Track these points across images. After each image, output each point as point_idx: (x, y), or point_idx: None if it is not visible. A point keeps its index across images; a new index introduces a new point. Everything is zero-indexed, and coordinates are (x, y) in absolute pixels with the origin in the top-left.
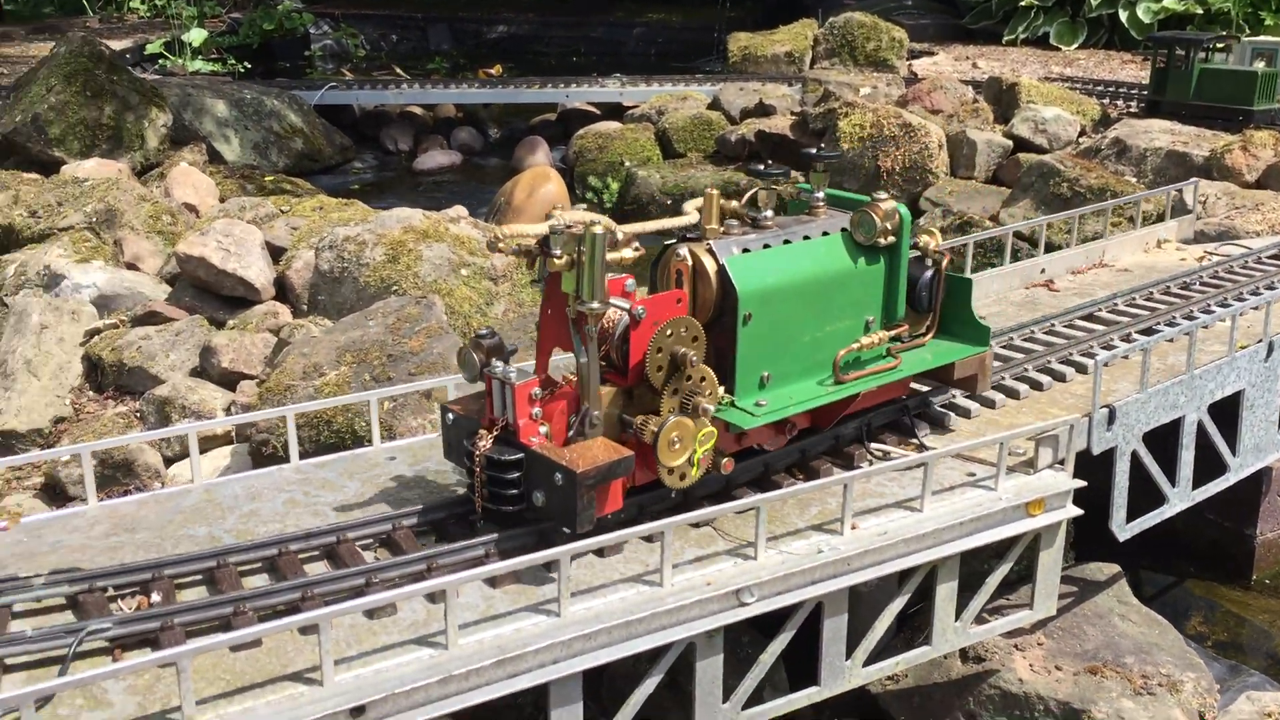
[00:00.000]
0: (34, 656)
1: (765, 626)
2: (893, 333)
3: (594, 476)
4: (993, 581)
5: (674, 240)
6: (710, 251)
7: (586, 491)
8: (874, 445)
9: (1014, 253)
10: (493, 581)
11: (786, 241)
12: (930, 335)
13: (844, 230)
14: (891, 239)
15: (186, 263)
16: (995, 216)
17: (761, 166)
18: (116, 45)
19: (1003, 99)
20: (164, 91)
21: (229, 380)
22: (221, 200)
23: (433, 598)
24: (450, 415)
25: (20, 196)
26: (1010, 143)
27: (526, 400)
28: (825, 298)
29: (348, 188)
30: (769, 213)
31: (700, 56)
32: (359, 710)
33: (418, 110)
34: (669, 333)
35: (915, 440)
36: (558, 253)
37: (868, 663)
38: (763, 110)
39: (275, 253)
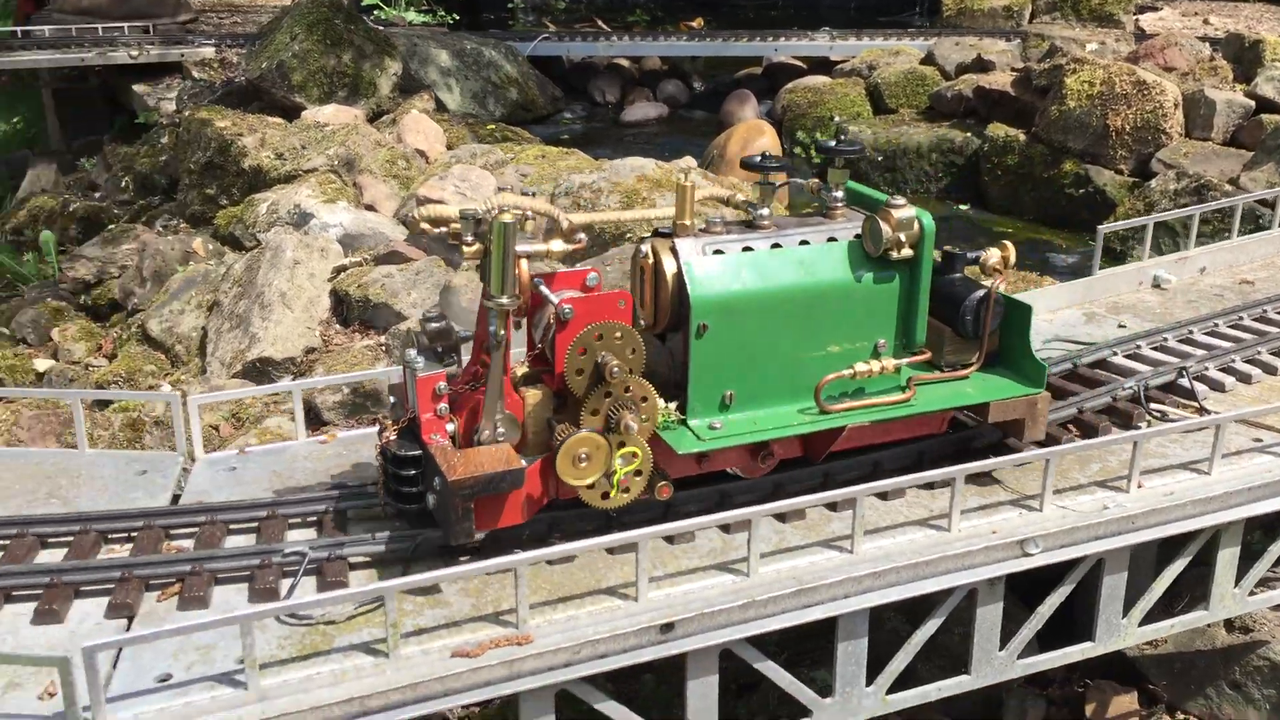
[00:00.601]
0: (374, 557)
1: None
2: (903, 361)
3: (469, 487)
4: (1276, 550)
5: (650, 235)
6: (673, 250)
7: (461, 503)
8: (1154, 407)
9: (1256, 220)
10: (781, 517)
11: (776, 245)
12: (975, 367)
13: (857, 237)
14: (907, 252)
15: (424, 205)
16: (1235, 180)
17: (758, 157)
18: None
19: (1244, 57)
20: (394, 41)
21: (467, 318)
22: (449, 147)
23: (726, 529)
24: (394, 399)
25: (267, 139)
26: (1252, 103)
27: (430, 395)
28: (815, 314)
29: (558, 138)
30: (766, 211)
31: (904, 10)
32: (668, 627)
33: (624, 62)
34: (597, 336)
35: (1196, 404)
36: (469, 239)
37: (1143, 623)
38: (980, 66)
39: None
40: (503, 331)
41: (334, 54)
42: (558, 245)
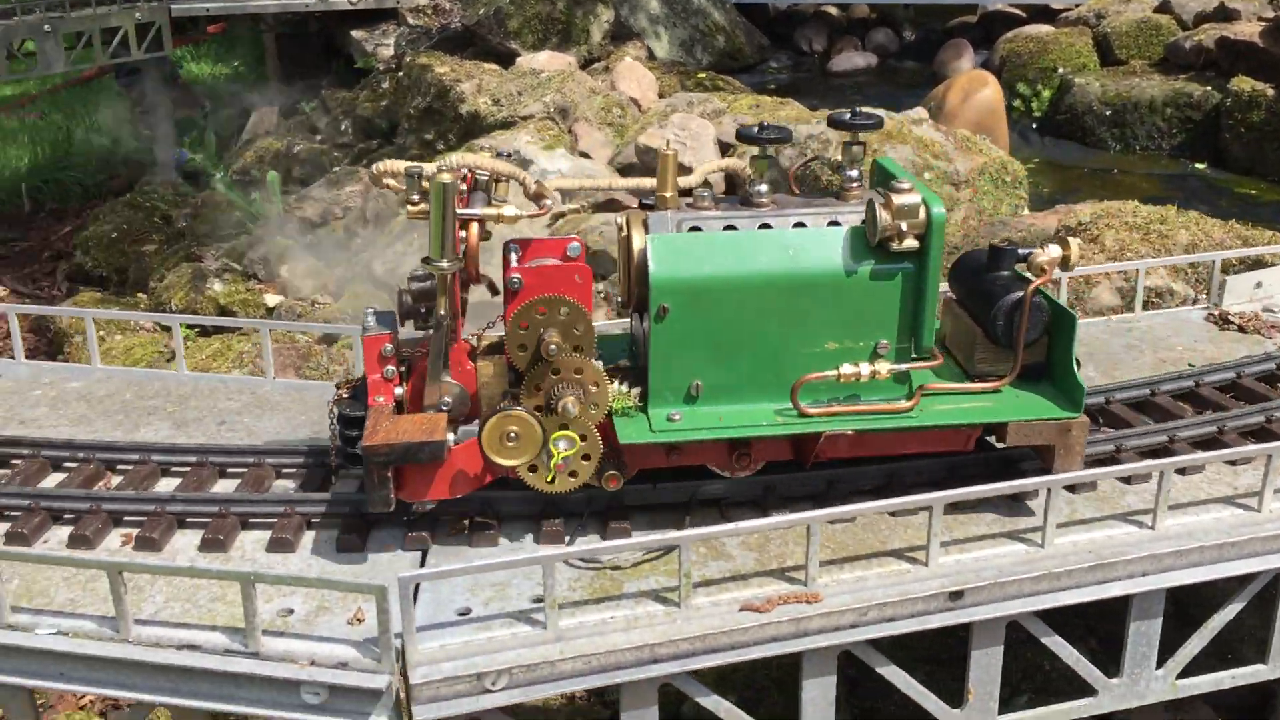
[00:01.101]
0: (655, 502)
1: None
2: (906, 366)
3: (382, 454)
4: None
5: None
6: (645, 224)
7: (376, 469)
8: None
9: None
10: (1072, 488)
11: (765, 226)
12: (1008, 379)
13: (864, 223)
14: (911, 243)
15: (645, 154)
16: None
17: (756, 128)
18: None
19: None
20: None
21: None
22: (660, 95)
23: (1015, 497)
24: None
25: (483, 85)
26: None
27: (376, 356)
28: (802, 306)
29: (764, 87)
30: (764, 187)
31: None
32: (958, 594)
33: (832, 10)
34: (540, 310)
35: None
36: (415, 198)
37: None
38: (1223, 14)
39: (722, 148)
40: (441, 297)
41: (549, 1)
42: (510, 210)
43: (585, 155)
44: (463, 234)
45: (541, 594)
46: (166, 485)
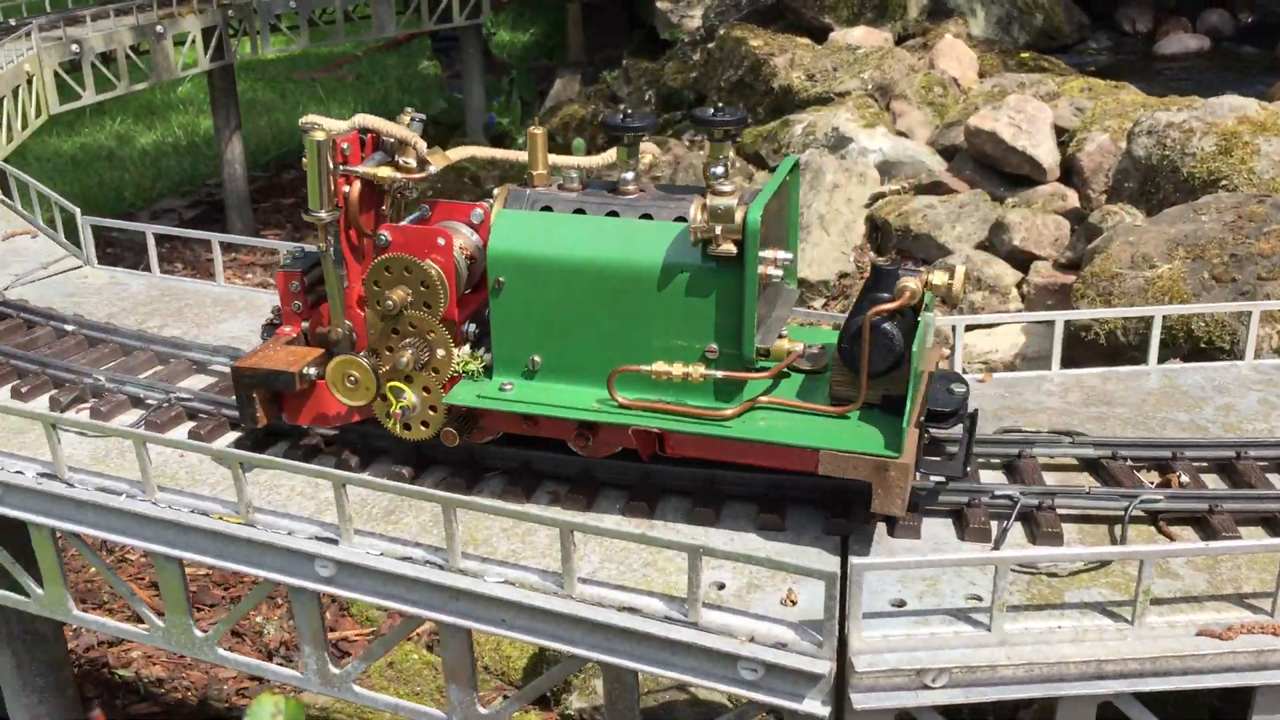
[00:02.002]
0: (1083, 511)
1: None
2: (718, 374)
3: (248, 377)
4: None
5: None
6: (506, 199)
7: (242, 390)
8: None
9: None
10: None
11: (613, 213)
12: (853, 406)
13: None
14: (728, 248)
15: (975, 136)
16: None
17: (618, 116)
18: None
19: None
20: None
21: (1018, 258)
22: (980, 75)
23: None
24: None
25: (797, 60)
26: None
27: (286, 291)
28: (630, 297)
29: (1084, 68)
30: (630, 175)
31: None
32: None
33: None
34: (386, 268)
35: None
36: (304, 156)
37: None
38: None
39: (1058, 131)
40: (322, 244)
41: None
42: (385, 170)
43: (903, 135)
44: (347, 188)
45: (976, 592)
46: None
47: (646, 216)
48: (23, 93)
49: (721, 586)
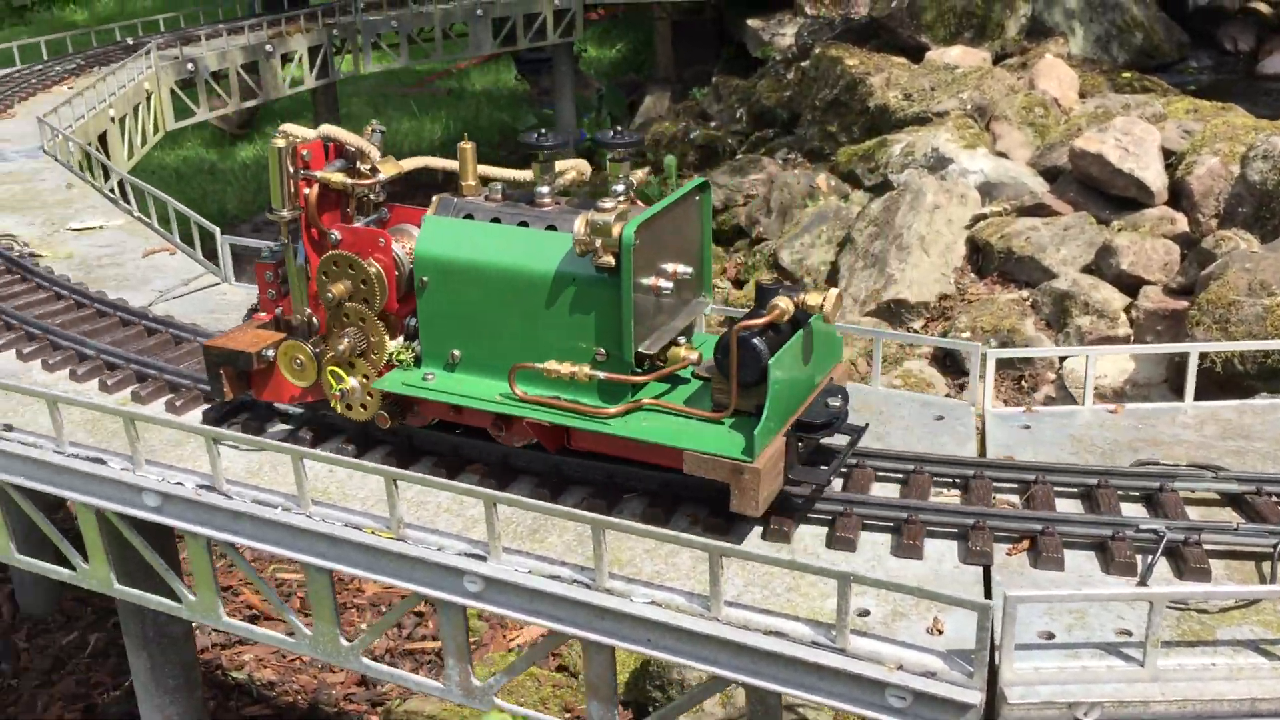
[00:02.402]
0: (1229, 547)
1: None
2: (605, 375)
3: (216, 355)
4: None
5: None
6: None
7: (212, 366)
8: None
9: None
10: None
11: (523, 224)
12: (726, 412)
13: None
14: (608, 259)
15: (1080, 158)
16: None
17: (534, 135)
18: None
19: None
20: None
21: (1126, 282)
22: (1080, 95)
23: None
24: None
25: (893, 79)
26: None
27: (263, 280)
28: (530, 302)
29: (1184, 88)
30: (545, 190)
31: None
32: None
33: (1262, 7)
34: (333, 264)
35: None
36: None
37: None
38: None
39: (1165, 154)
40: (285, 240)
41: None
42: (337, 176)
43: (1003, 155)
44: (308, 190)
45: (1125, 627)
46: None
47: (551, 228)
48: (142, 110)
49: (866, 613)
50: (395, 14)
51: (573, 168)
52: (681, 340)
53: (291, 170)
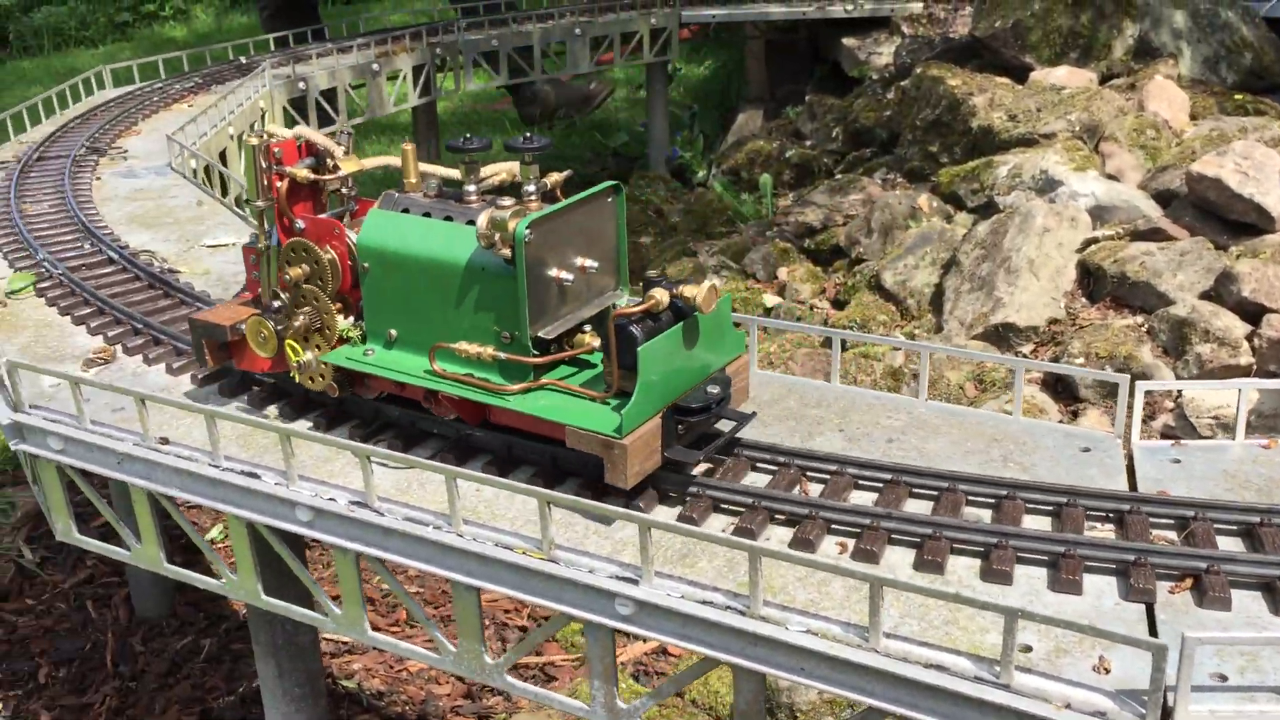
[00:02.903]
0: None
1: None
2: (506, 356)
3: (199, 328)
4: None
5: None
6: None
7: (196, 337)
8: None
9: None
10: None
11: (448, 218)
12: (609, 393)
13: None
14: (506, 252)
15: (1198, 182)
16: None
17: (460, 140)
18: None
19: None
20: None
21: (1247, 310)
22: (1192, 118)
23: None
24: None
25: (996, 99)
26: None
27: (248, 262)
28: (445, 286)
29: None
30: (472, 188)
31: None
32: None
33: None
34: (293, 250)
35: None
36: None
37: None
38: None
39: None
40: (260, 228)
41: (1073, 13)
42: (303, 171)
43: (1114, 178)
44: (280, 184)
45: None
46: (861, 498)
47: (471, 223)
48: (257, 127)
49: (1028, 649)
50: (496, 33)
51: (504, 170)
52: (588, 328)
53: (265, 165)
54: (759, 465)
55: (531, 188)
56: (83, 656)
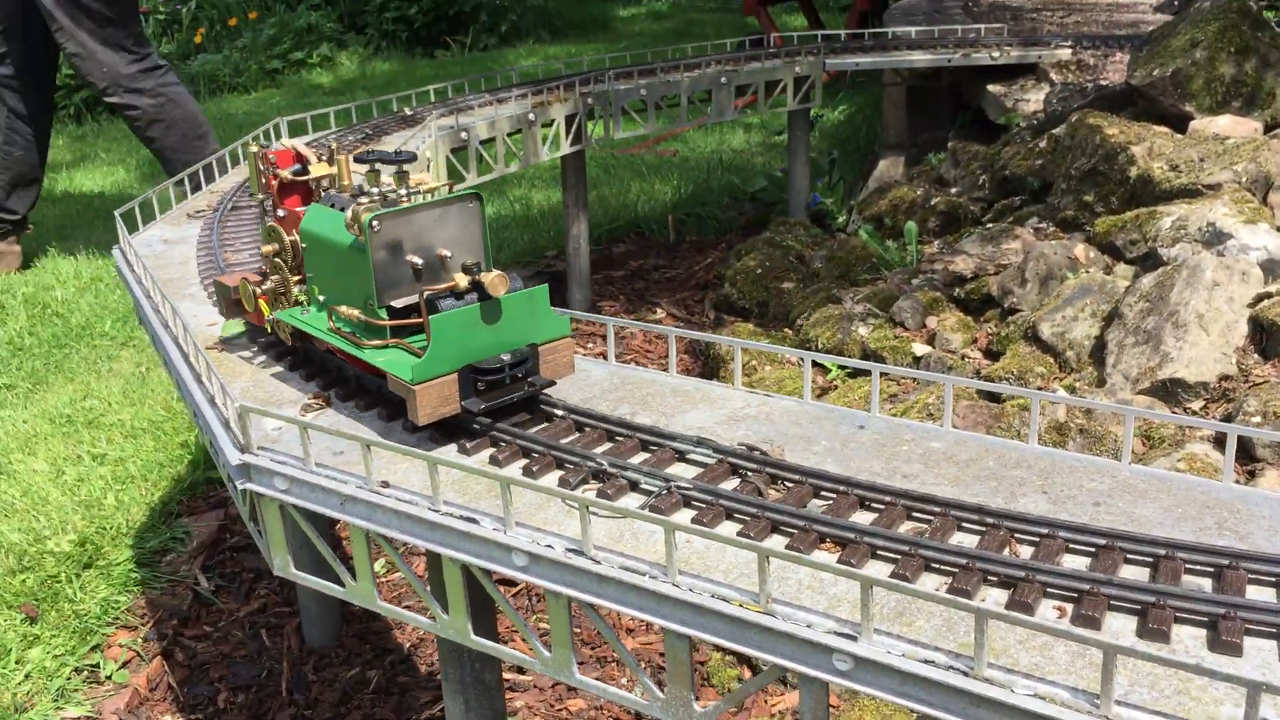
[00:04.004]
0: None
1: None
2: (367, 319)
3: (218, 287)
4: None
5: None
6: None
7: (217, 292)
8: None
9: None
10: None
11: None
12: (426, 353)
13: None
14: (363, 239)
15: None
16: None
17: (369, 152)
18: None
19: None
20: None
21: None
22: None
23: None
24: None
25: (1155, 149)
26: None
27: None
28: (338, 262)
29: None
30: (376, 190)
31: None
32: None
33: None
34: (269, 233)
35: None
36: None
37: None
38: None
39: None
40: (265, 217)
41: (1236, 61)
42: (286, 173)
43: None
44: (275, 182)
45: None
46: (1073, 562)
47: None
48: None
49: None
50: (645, 82)
51: (429, 181)
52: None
53: (263, 168)
54: (962, 525)
55: (375, 190)
56: (259, 683)
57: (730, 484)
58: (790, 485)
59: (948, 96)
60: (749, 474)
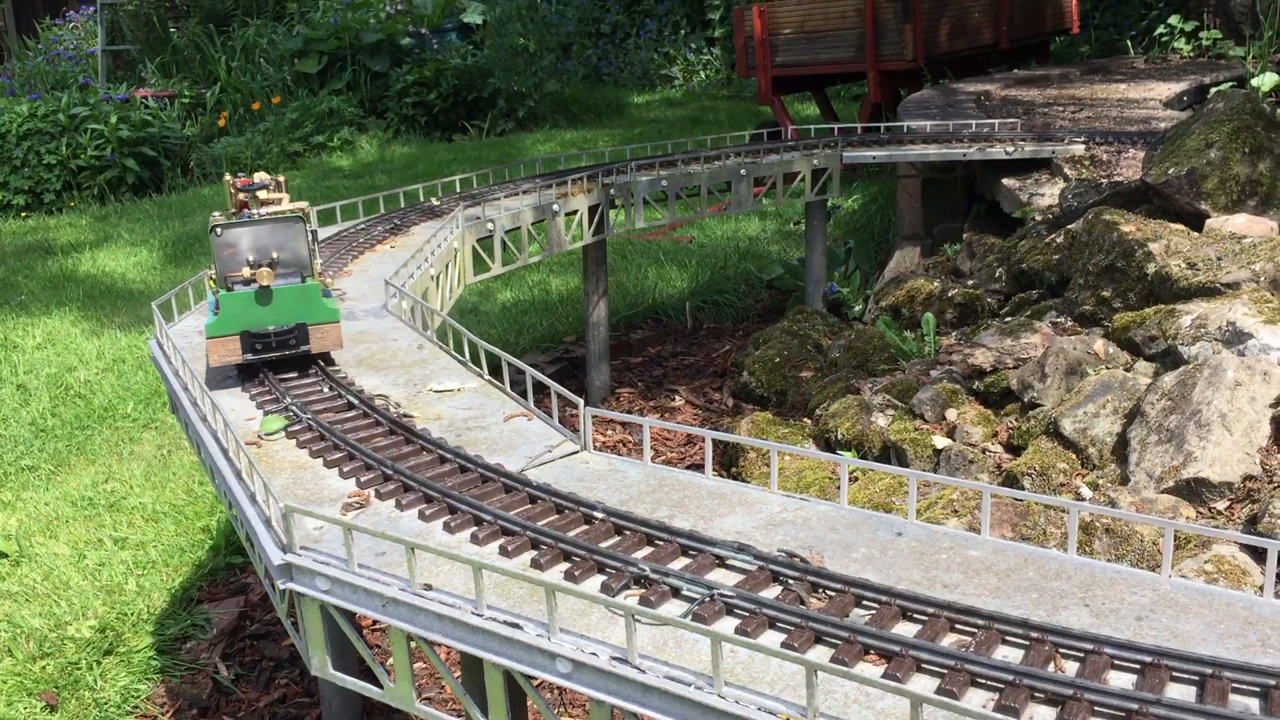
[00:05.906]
0: None
1: None
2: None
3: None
4: None
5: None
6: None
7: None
8: None
9: None
10: None
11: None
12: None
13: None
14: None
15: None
16: None
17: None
18: (1167, 88)
19: None
20: None
21: None
22: None
23: None
24: None
25: (1172, 247)
26: None
27: None
28: (215, 255)
29: None
30: (252, 212)
31: None
32: None
33: None
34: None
35: None
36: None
37: None
38: None
39: None
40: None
41: (1251, 161)
42: (242, 195)
43: None
44: (237, 199)
45: None
46: (1119, 679)
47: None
48: (451, 267)
49: None
50: (666, 174)
51: (287, 202)
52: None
53: (232, 192)
54: (1006, 638)
55: (233, 209)
56: None
57: (772, 592)
58: (832, 594)
59: (962, 189)
60: (790, 582)
